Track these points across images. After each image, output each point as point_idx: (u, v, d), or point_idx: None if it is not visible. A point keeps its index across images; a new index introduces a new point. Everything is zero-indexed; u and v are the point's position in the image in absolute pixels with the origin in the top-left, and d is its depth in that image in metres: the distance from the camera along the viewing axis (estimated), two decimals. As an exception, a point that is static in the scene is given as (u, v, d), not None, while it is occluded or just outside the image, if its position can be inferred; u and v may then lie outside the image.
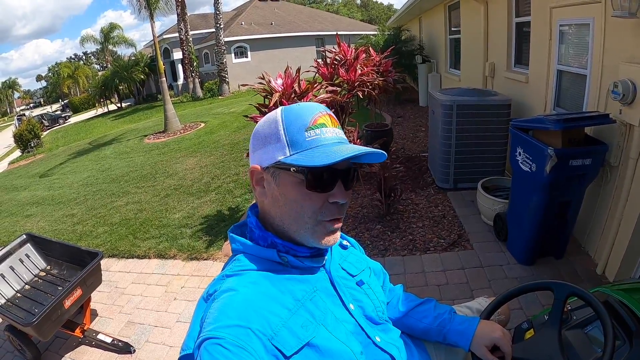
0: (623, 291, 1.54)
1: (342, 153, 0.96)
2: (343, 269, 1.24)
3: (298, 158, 0.99)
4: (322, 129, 1.03)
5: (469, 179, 5.39)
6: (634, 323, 1.36)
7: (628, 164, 3.19)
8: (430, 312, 1.44)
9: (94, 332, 3.54)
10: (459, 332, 1.36)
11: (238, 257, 1.09)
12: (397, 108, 11.54)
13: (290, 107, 1.07)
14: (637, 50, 3.03)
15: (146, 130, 15.26)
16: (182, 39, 25.82)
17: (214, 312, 0.92)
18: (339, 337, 1.04)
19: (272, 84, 4.53)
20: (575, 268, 3.73)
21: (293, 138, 1.01)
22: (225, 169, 7.96)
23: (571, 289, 1.31)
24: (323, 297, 1.10)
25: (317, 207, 1.03)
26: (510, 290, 1.45)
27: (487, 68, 6.40)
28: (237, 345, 0.84)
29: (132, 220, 6.01)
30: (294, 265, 1.09)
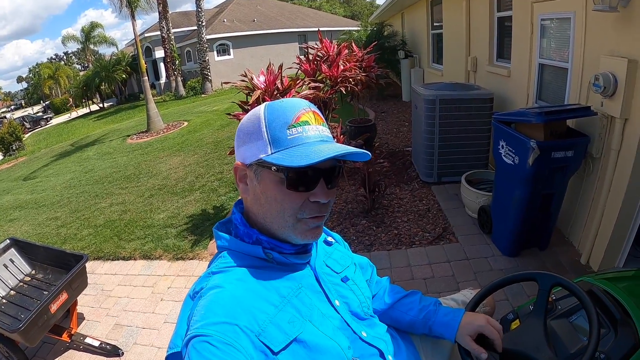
0: (607, 280, 1.56)
1: (322, 154, 0.95)
2: (327, 265, 1.24)
3: (279, 157, 0.98)
4: (305, 127, 1.01)
5: (453, 172, 5.43)
6: (618, 311, 1.38)
7: (610, 155, 3.25)
8: (416, 304, 1.45)
9: (82, 336, 3.50)
10: (444, 324, 1.36)
11: (223, 254, 1.09)
12: (380, 103, 11.57)
13: (274, 103, 1.06)
14: (618, 44, 3.07)
15: (129, 130, 15.11)
16: (163, 37, 25.59)
17: (201, 309, 0.92)
18: (325, 333, 1.04)
19: (254, 82, 4.51)
20: (559, 259, 3.78)
21: (275, 136, 1.00)
22: (209, 168, 7.91)
23: (555, 279, 1.32)
24: (309, 294, 1.10)
25: (297, 206, 1.03)
26: (495, 282, 1.45)
27: (469, 62, 6.44)
28: (224, 342, 0.84)
29: (117, 222, 5.94)
30: (279, 261, 1.09)
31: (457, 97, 5.11)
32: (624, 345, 1.30)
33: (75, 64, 73.77)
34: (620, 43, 3.05)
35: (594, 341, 1.14)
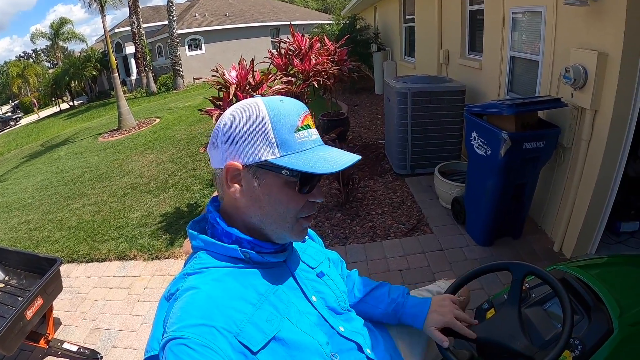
0: (579, 268, 1.59)
1: (340, 161, 1.00)
2: (302, 261, 1.24)
3: (291, 161, 0.97)
4: (309, 131, 1.03)
5: (426, 164, 5.49)
6: (591, 298, 1.41)
7: (580, 145, 3.32)
8: (385, 297, 1.45)
9: (59, 341, 3.41)
10: (412, 315, 1.37)
11: (199, 254, 1.06)
12: (352, 97, 11.59)
13: (273, 103, 1.03)
14: (588, 37, 3.14)
15: (100, 129, 14.79)
16: (134, 32, 25.14)
17: (177, 311, 0.90)
18: (303, 329, 1.04)
19: (225, 77, 4.47)
20: (533, 247, 3.86)
21: (283, 138, 0.99)
22: (182, 165, 7.81)
23: (528, 268, 1.34)
24: (285, 291, 1.09)
25: (299, 207, 1.04)
26: (469, 273, 1.47)
27: (441, 55, 6.49)
28: (202, 345, 0.83)
29: (90, 223, 5.82)
30: (256, 261, 1.07)
31: (430, 90, 5.15)
32: (598, 330, 1.33)
33: (44, 62, 71.92)
34: (591, 36, 3.12)
35: (568, 328, 1.16)
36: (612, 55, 2.90)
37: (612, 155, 3.16)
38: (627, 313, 1.35)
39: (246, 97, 4.31)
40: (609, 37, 2.92)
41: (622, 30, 2.77)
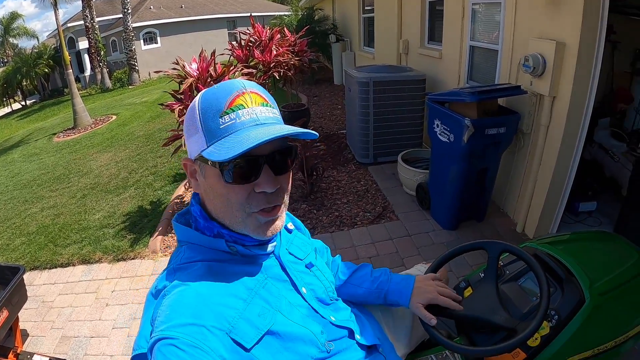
0: (548, 244, 1.68)
1: (248, 142, 0.87)
2: (290, 253, 1.21)
3: (212, 151, 0.92)
4: (239, 112, 0.93)
5: (388, 152, 5.56)
6: (562, 271, 1.48)
7: (539, 130, 3.47)
8: (368, 276, 1.47)
9: (28, 354, 3.25)
10: (398, 291, 1.40)
11: (184, 248, 1.05)
12: (312, 88, 11.57)
13: (209, 90, 0.99)
14: (547, 27, 3.27)
15: (55, 128, 14.24)
16: (87, 26, 24.16)
17: (166, 309, 0.88)
18: (296, 321, 1.03)
19: (186, 69, 4.41)
20: (497, 229, 4.00)
21: (208, 127, 0.94)
22: (142, 162, 7.61)
23: (503, 246, 1.41)
24: (275, 284, 1.08)
25: (243, 200, 0.96)
26: (446, 254, 1.52)
27: (401, 45, 6.55)
28: (192, 345, 0.81)
29: (50, 227, 5.60)
30: (243, 254, 1.05)
31: (391, 79, 5.20)
32: (571, 301, 1.41)
33: (-7, 60, 68.99)
34: (549, 27, 3.25)
35: (545, 299, 1.23)
36: (570, 45, 3.04)
37: (570, 140, 3.31)
38: (596, 283, 1.43)
39: (208, 89, 4.26)
40: (566, 28, 3.05)
41: (579, 20, 2.90)
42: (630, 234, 1.93)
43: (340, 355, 1.14)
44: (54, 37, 31.56)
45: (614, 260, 1.62)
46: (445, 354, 1.59)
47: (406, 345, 1.52)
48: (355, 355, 1.19)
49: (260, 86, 1.02)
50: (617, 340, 1.41)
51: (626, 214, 3.55)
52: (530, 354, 1.36)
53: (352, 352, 1.18)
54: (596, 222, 3.92)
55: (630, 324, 1.45)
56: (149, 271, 4.06)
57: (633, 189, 3.45)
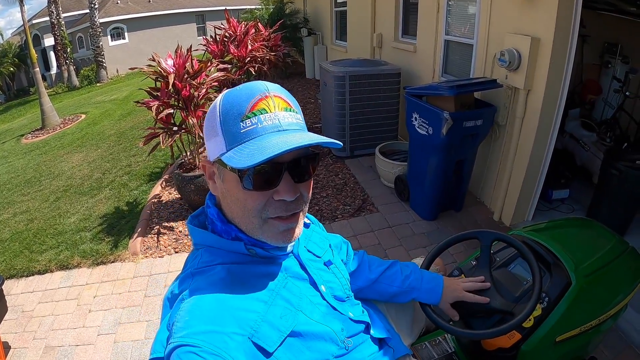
0: (534, 232, 1.76)
1: (268, 151, 0.84)
2: (309, 250, 1.20)
3: (232, 156, 0.89)
4: (260, 117, 0.90)
5: (365, 145, 5.62)
6: (550, 257, 1.57)
7: (515, 122, 3.59)
8: (398, 275, 1.49)
9: None
10: (428, 291, 1.45)
11: (202, 251, 1.03)
12: (284, 82, 11.45)
13: (231, 91, 0.96)
14: (522, 23, 3.37)
15: (22, 129, 13.82)
16: (53, 22, 23.30)
17: (185, 315, 0.86)
18: (317, 320, 1.03)
19: (163, 65, 4.32)
20: (475, 218, 4.12)
21: (229, 130, 0.91)
22: (115, 162, 7.43)
23: (495, 235, 1.49)
24: (296, 283, 1.07)
25: (260, 206, 0.94)
26: (441, 244, 1.59)
27: (374, 39, 6.58)
28: (212, 353, 0.79)
29: (24, 233, 5.41)
30: (262, 255, 1.03)
31: (366, 73, 5.24)
32: (559, 283, 1.50)
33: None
34: (524, 22, 3.35)
35: (538, 283, 1.31)
36: (544, 40, 3.15)
37: (544, 131, 3.44)
38: (581, 266, 1.52)
39: (185, 86, 4.22)
40: (541, 23, 3.15)
41: (554, 17, 3.00)
42: (603, 220, 2.05)
43: (357, 351, 1.15)
44: (18, 34, 30.49)
45: (594, 245, 1.73)
46: (439, 340, 1.65)
47: (409, 335, 1.57)
48: (370, 349, 1.21)
49: (284, 89, 0.99)
50: (600, 318, 1.51)
51: (598, 200, 3.71)
52: (524, 334, 1.44)
53: (367, 346, 1.21)
54: (569, 209, 4.06)
55: (610, 303, 1.54)
56: (131, 274, 3.99)
57: (604, 177, 3.58)
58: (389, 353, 1.28)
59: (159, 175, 6.15)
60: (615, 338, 2.65)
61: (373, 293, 1.49)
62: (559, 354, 1.50)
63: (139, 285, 3.84)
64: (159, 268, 4.01)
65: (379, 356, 1.23)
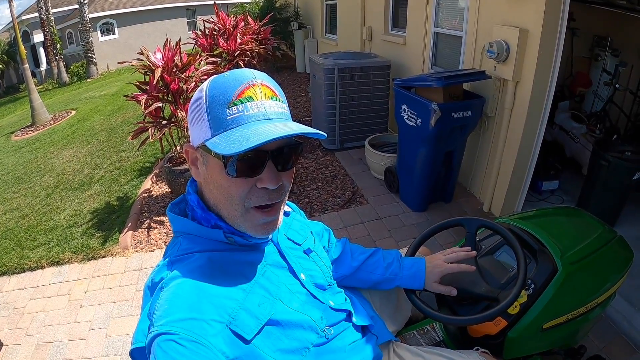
0: (520, 219, 1.78)
1: (255, 138, 0.85)
2: (289, 238, 1.21)
3: (216, 142, 0.90)
4: (247, 104, 0.91)
5: (355, 137, 5.64)
6: (535, 243, 1.58)
7: (504, 114, 3.60)
8: (380, 262, 1.49)
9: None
10: (411, 276, 1.44)
11: (181, 239, 1.03)
12: (275, 75, 11.24)
13: (218, 77, 0.96)
14: (510, 14, 3.38)
15: (12, 127, 13.68)
16: (42, 18, 22.99)
17: (164, 303, 0.86)
18: (295, 309, 1.04)
19: (151, 59, 4.32)
20: (464, 209, 4.15)
21: (215, 116, 0.91)
22: (105, 157, 7.39)
23: (480, 222, 1.50)
24: (275, 271, 1.07)
25: (244, 194, 0.95)
26: (426, 232, 1.59)
27: (364, 32, 6.58)
28: (192, 340, 0.80)
29: (15, 230, 5.39)
30: (241, 243, 1.04)
31: (356, 66, 5.24)
32: (545, 270, 1.50)
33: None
34: (512, 14, 3.35)
35: (523, 269, 1.32)
36: (533, 32, 3.15)
37: (533, 122, 3.44)
38: (567, 253, 1.53)
39: (174, 80, 4.20)
40: (529, 15, 3.16)
41: (542, 8, 3.01)
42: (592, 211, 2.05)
43: (339, 339, 1.15)
44: (7, 31, 30.16)
45: (581, 233, 1.73)
46: (427, 329, 1.66)
47: (393, 323, 1.56)
48: (352, 337, 1.21)
49: (271, 78, 1.00)
50: (587, 306, 1.51)
51: (587, 191, 3.72)
52: (511, 321, 1.44)
53: (349, 334, 1.21)
54: (558, 200, 4.09)
55: (598, 291, 1.54)
56: (122, 269, 3.99)
57: (593, 168, 3.61)
58: (372, 340, 1.28)
59: (150, 170, 6.13)
60: (605, 327, 2.66)
61: (356, 281, 1.49)
62: (546, 341, 1.51)
63: (130, 279, 3.84)
64: (149, 262, 4.00)
65: (361, 343, 1.23)
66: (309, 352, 1.03)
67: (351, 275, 1.49)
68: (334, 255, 1.49)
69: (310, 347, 1.04)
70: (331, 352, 1.11)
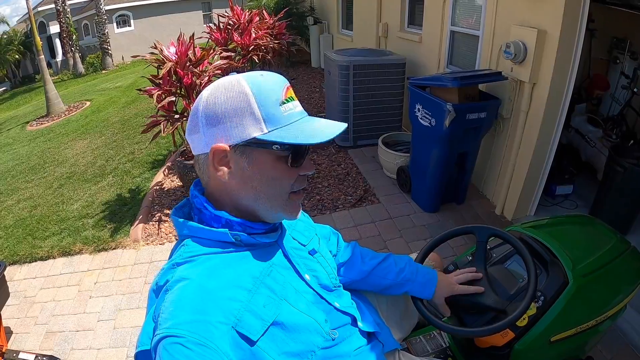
0: (532, 228, 1.73)
1: (329, 130, 0.99)
2: (293, 238, 1.21)
3: (281, 135, 0.95)
4: (293, 103, 1.01)
5: (368, 135, 5.60)
6: (547, 254, 1.54)
7: (519, 116, 3.55)
8: (392, 267, 1.47)
9: (14, 352, 3.12)
10: (422, 285, 1.43)
11: (186, 242, 1.02)
12: (289, 70, 11.40)
13: (254, 78, 0.99)
14: (528, 15, 3.32)
15: (27, 117, 13.78)
16: (58, 10, 23.21)
17: (169, 305, 0.86)
18: (301, 310, 1.03)
19: (165, 53, 4.31)
20: (476, 211, 4.10)
21: (269, 113, 0.96)
22: (119, 149, 7.43)
23: (491, 230, 1.47)
24: (280, 271, 1.07)
25: (293, 181, 1.03)
26: (436, 238, 1.57)
27: (380, 28, 6.53)
28: (198, 343, 0.80)
29: (28, 219, 5.43)
30: (247, 243, 1.03)
31: (371, 63, 5.21)
32: (556, 283, 1.47)
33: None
34: (531, 14, 3.29)
35: (533, 281, 1.29)
36: (551, 33, 3.10)
37: (548, 126, 3.40)
38: (579, 266, 1.50)
39: (187, 74, 4.20)
40: (548, 16, 3.10)
41: (561, 9, 2.95)
42: (606, 217, 2.01)
43: (344, 343, 1.15)
44: (24, 22, 30.43)
45: (594, 243, 1.69)
46: (433, 334, 1.64)
47: (399, 330, 1.55)
48: (357, 342, 1.20)
49: None
50: (597, 319, 1.48)
51: (602, 197, 3.65)
52: (518, 333, 1.42)
53: (355, 339, 1.20)
54: (572, 205, 4.03)
55: (609, 304, 1.52)
56: (132, 261, 4.02)
57: (608, 174, 3.54)
58: (378, 347, 1.27)
59: (162, 163, 6.16)
60: (613, 338, 2.62)
61: (366, 285, 1.48)
62: (554, 354, 1.49)
63: (140, 272, 3.87)
64: (159, 255, 4.03)
65: (366, 350, 1.22)
66: (315, 356, 1.02)
67: (362, 280, 1.48)
68: (342, 259, 1.49)
69: (316, 351, 1.03)
70: (337, 357, 1.10)
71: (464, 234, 1.54)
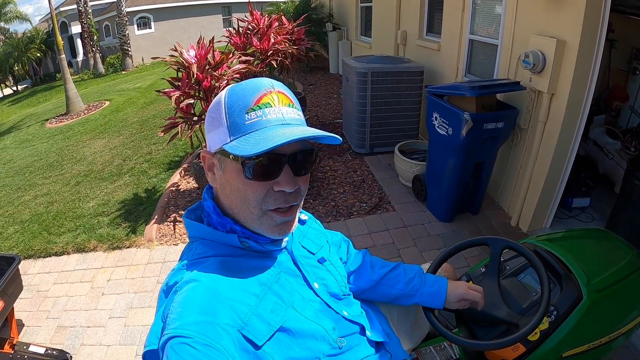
0: (547, 241, 1.72)
1: (275, 140, 0.87)
2: (303, 246, 1.22)
3: (235, 145, 0.92)
4: (265, 110, 0.94)
5: (385, 143, 5.59)
6: (561, 268, 1.53)
7: (537, 126, 3.51)
8: (402, 277, 1.46)
9: (25, 344, 3.17)
10: (432, 294, 1.42)
11: (196, 244, 1.05)
12: (307, 76, 11.46)
13: (236, 85, 0.99)
14: (548, 24, 3.29)
15: (47, 114, 14.01)
16: (80, 10, 23.69)
17: (178, 306, 0.87)
18: (308, 317, 1.03)
19: (185, 56, 4.35)
20: (491, 222, 4.05)
21: (234, 121, 0.94)
22: (136, 149, 7.51)
23: (505, 242, 1.45)
24: (288, 278, 1.08)
25: (260, 197, 0.97)
26: (450, 248, 1.56)
27: (399, 36, 6.53)
28: (205, 344, 0.81)
29: (44, 215, 5.51)
30: (256, 249, 1.05)
31: (389, 70, 5.20)
32: (569, 297, 1.46)
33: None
34: (550, 24, 3.26)
35: (546, 296, 1.27)
36: (570, 43, 3.06)
37: (566, 137, 3.36)
38: (594, 281, 1.48)
39: (206, 77, 4.23)
40: (568, 26, 3.07)
41: (580, 19, 2.92)
42: (623, 232, 1.98)
43: (352, 352, 1.14)
44: (46, 21, 30.96)
45: (610, 258, 1.67)
46: (444, 345, 1.63)
47: (410, 340, 1.54)
48: (365, 351, 1.19)
49: (286, 87, 1.03)
50: (611, 336, 1.46)
51: (618, 211, 3.59)
52: (529, 347, 1.40)
53: (363, 348, 1.19)
54: (588, 218, 3.97)
55: (623, 320, 1.50)
56: (145, 260, 4.05)
57: (626, 187, 3.48)
58: (386, 357, 1.26)
59: (179, 164, 6.20)
60: (626, 355, 2.57)
61: (375, 294, 1.48)
62: (565, 370, 1.46)
63: (153, 271, 3.89)
64: (172, 255, 4.05)
65: (374, 359, 1.22)
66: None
67: (371, 288, 1.47)
68: (352, 267, 1.49)
69: (322, 358, 1.03)
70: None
71: (478, 245, 1.53)
